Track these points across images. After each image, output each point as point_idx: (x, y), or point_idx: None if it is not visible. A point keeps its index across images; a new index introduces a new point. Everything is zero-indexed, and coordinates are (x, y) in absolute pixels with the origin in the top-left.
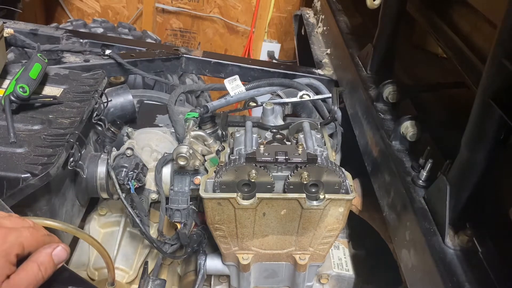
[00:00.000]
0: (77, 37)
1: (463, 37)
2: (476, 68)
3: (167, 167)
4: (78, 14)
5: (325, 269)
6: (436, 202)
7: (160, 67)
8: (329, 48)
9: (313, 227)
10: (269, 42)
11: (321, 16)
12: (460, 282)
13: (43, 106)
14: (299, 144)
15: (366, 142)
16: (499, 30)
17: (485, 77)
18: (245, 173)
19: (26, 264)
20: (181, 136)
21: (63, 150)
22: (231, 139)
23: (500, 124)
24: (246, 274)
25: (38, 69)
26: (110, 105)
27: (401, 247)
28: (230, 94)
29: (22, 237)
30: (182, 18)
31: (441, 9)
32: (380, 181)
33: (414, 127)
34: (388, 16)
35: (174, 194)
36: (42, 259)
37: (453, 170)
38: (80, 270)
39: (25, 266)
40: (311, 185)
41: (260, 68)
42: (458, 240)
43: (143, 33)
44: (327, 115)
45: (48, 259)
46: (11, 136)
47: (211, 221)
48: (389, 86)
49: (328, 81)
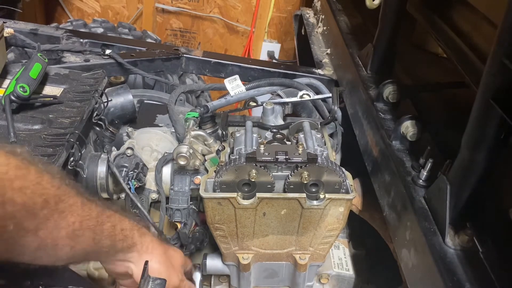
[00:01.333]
0: (77, 37)
1: (463, 37)
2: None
3: (167, 166)
4: (78, 14)
5: (325, 269)
6: (436, 202)
7: (160, 67)
8: (329, 48)
9: (313, 227)
10: (269, 42)
11: (321, 16)
12: (460, 282)
13: (43, 105)
14: (299, 144)
15: (366, 142)
16: (499, 30)
17: (485, 77)
18: (245, 172)
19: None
20: (181, 136)
21: (63, 150)
22: (231, 138)
23: (500, 124)
24: (246, 274)
25: (38, 68)
26: (110, 105)
27: (401, 247)
28: (230, 94)
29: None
30: (182, 18)
31: (441, 9)
32: (380, 181)
33: (414, 126)
34: (388, 16)
35: (174, 194)
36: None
37: (454, 170)
38: (80, 270)
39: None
40: (311, 185)
41: (260, 68)
42: (458, 240)
43: (143, 33)
44: (327, 115)
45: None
46: (11, 136)
47: (211, 220)
48: (389, 86)
49: (328, 81)
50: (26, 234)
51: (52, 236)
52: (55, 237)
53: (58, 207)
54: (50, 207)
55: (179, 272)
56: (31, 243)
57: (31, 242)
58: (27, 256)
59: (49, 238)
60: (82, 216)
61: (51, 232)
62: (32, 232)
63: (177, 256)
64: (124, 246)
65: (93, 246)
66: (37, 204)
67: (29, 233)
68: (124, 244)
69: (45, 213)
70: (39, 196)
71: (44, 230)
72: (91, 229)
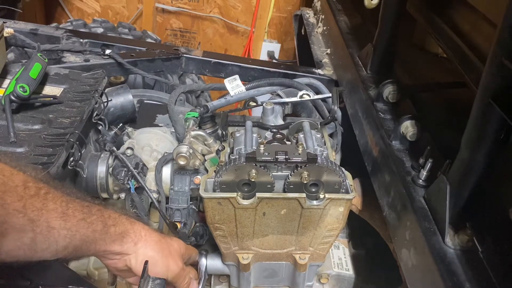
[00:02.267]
0: (77, 37)
1: (463, 37)
2: (476, 68)
3: (167, 166)
4: (78, 14)
5: (325, 269)
6: (436, 202)
7: (160, 67)
8: (329, 48)
9: (313, 227)
10: (269, 42)
11: (321, 16)
12: (460, 281)
13: (43, 105)
14: (299, 143)
15: (366, 142)
16: (499, 30)
17: (485, 76)
18: (245, 172)
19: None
20: (181, 136)
21: (63, 150)
22: (231, 138)
23: (500, 123)
24: (246, 273)
25: (38, 68)
26: (110, 105)
27: (401, 247)
28: (230, 93)
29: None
30: (182, 18)
31: (441, 9)
32: (380, 180)
33: (414, 126)
34: (388, 16)
35: (174, 194)
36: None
37: (453, 170)
38: (80, 270)
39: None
40: (311, 185)
41: (260, 68)
42: (458, 240)
43: (143, 33)
44: (327, 114)
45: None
46: (11, 136)
47: (211, 220)
48: (389, 86)
49: (328, 81)
50: (17, 214)
51: (44, 217)
52: (47, 218)
53: (40, 191)
54: (32, 188)
55: (178, 260)
56: (25, 226)
57: (24, 225)
58: (27, 244)
59: (41, 219)
60: (66, 200)
61: (41, 212)
62: (22, 212)
63: (174, 244)
64: (117, 233)
65: (87, 228)
66: (18, 186)
67: (20, 213)
68: (117, 230)
69: (29, 193)
70: (18, 179)
71: (34, 211)
72: (79, 210)
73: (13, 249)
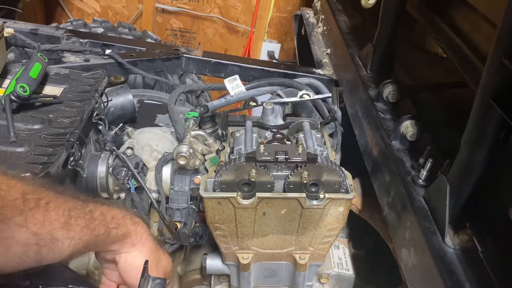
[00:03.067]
0: (77, 37)
1: (463, 37)
2: (476, 68)
3: (167, 166)
4: (78, 14)
5: (325, 269)
6: (436, 202)
7: (160, 67)
8: (329, 48)
9: (313, 227)
10: (269, 42)
11: (321, 16)
12: (460, 281)
13: (43, 105)
14: (299, 143)
15: (366, 142)
16: (499, 30)
17: (485, 76)
18: (245, 172)
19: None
20: (181, 136)
21: (63, 150)
22: (231, 138)
23: (500, 123)
24: (246, 273)
25: (38, 68)
26: (110, 105)
27: (401, 247)
28: (230, 93)
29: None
30: (182, 18)
31: (441, 9)
32: (380, 180)
33: (414, 126)
34: (388, 16)
35: (174, 194)
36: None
37: (453, 170)
38: (80, 270)
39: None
40: (311, 185)
41: (260, 68)
42: (458, 240)
43: (143, 33)
44: (327, 114)
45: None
46: (11, 136)
47: (211, 220)
48: (389, 86)
49: (328, 81)
50: (19, 229)
51: (47, 229)
52: (50, 230)
53: (40, 202)
54: (32, 200)
55: (161, 275)
56: (29, 240)
57: (27, 238)
58: (32, 257)
59: (44, 231)
60: (68, 208)
61: (44, 224)
62: (24, 226)
63: (164, 260)
64: (119, 235)
65: (90, 234)
66: (17, 199)
67: (22, 227)
68: (119, 232)
69: (29, 206)
70: (17, 192)
71: (36, 224)
72: (81, 217)
73: (19, 263)
